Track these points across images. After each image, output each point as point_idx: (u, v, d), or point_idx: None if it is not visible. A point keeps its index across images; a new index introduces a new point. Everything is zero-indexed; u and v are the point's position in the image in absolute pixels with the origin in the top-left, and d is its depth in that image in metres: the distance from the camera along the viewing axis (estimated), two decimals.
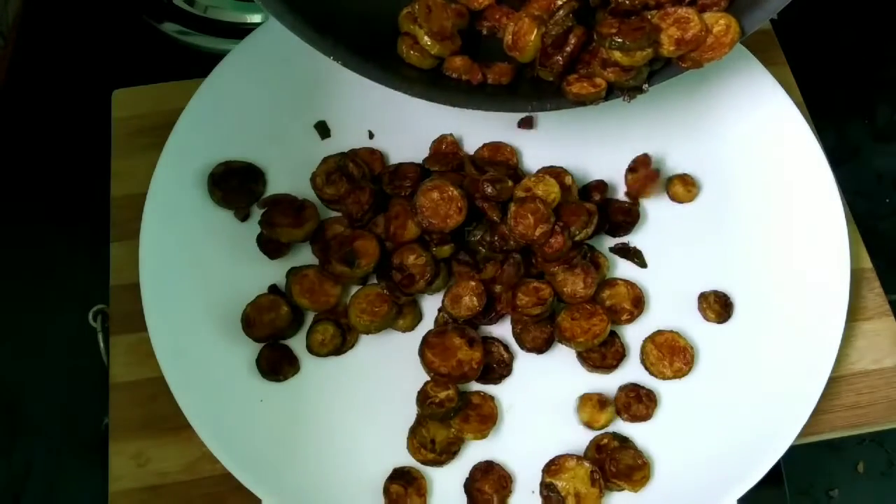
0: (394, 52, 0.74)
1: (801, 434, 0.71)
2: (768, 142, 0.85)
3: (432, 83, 0.73)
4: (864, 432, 0.78)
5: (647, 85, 0.71)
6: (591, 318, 0.75)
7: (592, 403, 0.74)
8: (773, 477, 0.72)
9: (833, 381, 0.76)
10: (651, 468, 0.71)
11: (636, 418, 0.74)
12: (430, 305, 0.78)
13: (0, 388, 0.87)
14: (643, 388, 0.75)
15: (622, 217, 0.82)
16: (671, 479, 0.71)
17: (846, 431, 0.77)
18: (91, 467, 0.81)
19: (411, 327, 0.77)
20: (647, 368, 0.76)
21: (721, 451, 0.72)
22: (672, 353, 0.75)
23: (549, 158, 0.83)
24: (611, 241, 0.82)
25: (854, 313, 0.81)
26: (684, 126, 0.86)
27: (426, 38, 0.72)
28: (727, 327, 0.78)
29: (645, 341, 0.76)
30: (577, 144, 0.85)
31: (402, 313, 0.76)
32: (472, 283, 0.75)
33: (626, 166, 0.83)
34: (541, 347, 0.76)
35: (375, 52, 0.72)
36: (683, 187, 0.84)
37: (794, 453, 0.71)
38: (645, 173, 0.81)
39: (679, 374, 0.75)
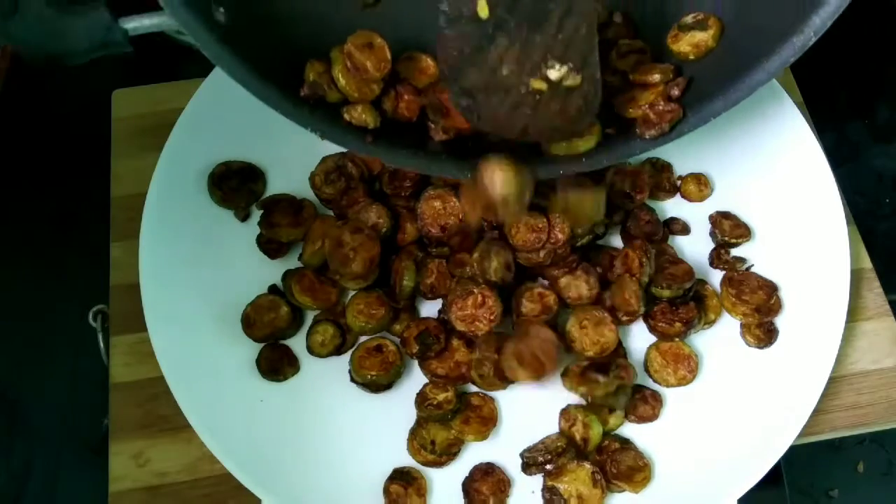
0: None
1: (801, 434, 0.71)
2: (768, 142, 0.85)
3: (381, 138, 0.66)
4: (864, 432, 0.78)
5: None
6: (598, 325, 0.73)
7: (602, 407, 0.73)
8: (773, 477, 0.72)
9: (833, 381, 0.76)
10: (651, 469, 0.71)
11: (643, 419, 0.74)
12: (429, 310, 0.78)
13: (0, 389, 0.87)
14: (648, 388, 0.75)
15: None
16: (671, 479, 0.71)
17: (846, 431, 0.77)
18: (91, 467, 0.81)
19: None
20: (650, 376, 0.75)
21: (721, 451, 0.72)
22: (676, 361, 0.75)
23: None
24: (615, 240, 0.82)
25: (854, 313, 0.81)
26: None
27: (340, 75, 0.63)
28: (728, 329, 0.78)
29: (649, 349, 0.76)
30: None
31: (398, 318, 0.76)
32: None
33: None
34: None
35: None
36: (696, 186, 0.84)
37: (794, 453, 0.71)
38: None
39: (683, 381, 0.75)
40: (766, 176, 0.84)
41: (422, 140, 0.67)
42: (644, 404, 0.74)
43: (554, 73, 0.57)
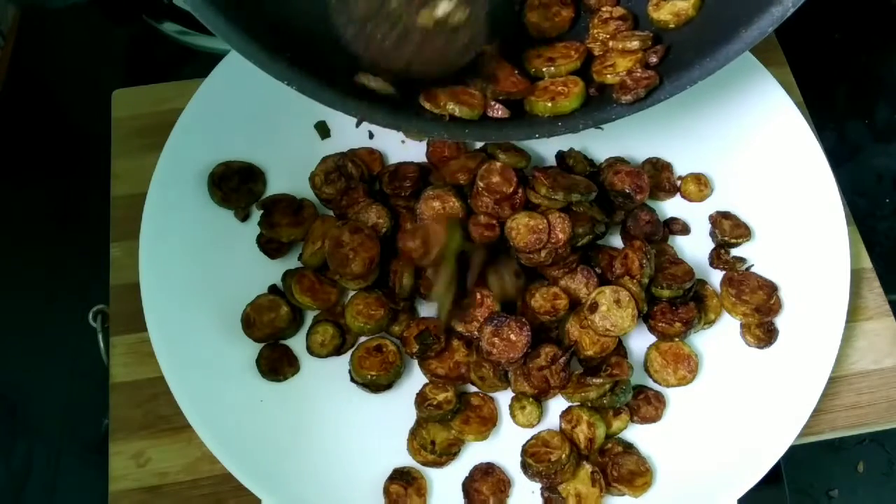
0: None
1: (801, 434, 0.71)
2: (768, 142, 0.85)
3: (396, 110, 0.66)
4: (864, 432, 0.78)
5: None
6: None
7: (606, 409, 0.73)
8: (773, 477, 0.72)
9: (833, 381, 0.76)
10: (653, 475, 0.71)
11: (646, 420, 0.73)
12: (429, 310, 0.78)
13: (0, 389, 0.87)
14: (651, 389, 0.75)
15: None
16: (672, 479, 0.71)
17: (846, 431, 0.77)
18: (91, 467, 0.81)
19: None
20: (650, 376, 0.75)
21: (721, 451, 0.72)
22: (676, 361, 0.75)
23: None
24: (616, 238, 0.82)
25: (854, 313, 0.81)
26: (688, 127, 0.86)
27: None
28: (728, 329, 0.78)
29: (649, 349, 0.76)
30: (591, 149, 0.85)
31: (397, 319, 0.76)
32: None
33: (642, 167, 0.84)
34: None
35: (332, 76, 0.64)
36: (696, 186, 0.84)
37: (794, 453, 0.71)
38: None
39: (683, 381, 0.75)
40: (766, 176, 0.84)
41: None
42: (647, 405, 0.74)
43: (441, 9, 0.58)
